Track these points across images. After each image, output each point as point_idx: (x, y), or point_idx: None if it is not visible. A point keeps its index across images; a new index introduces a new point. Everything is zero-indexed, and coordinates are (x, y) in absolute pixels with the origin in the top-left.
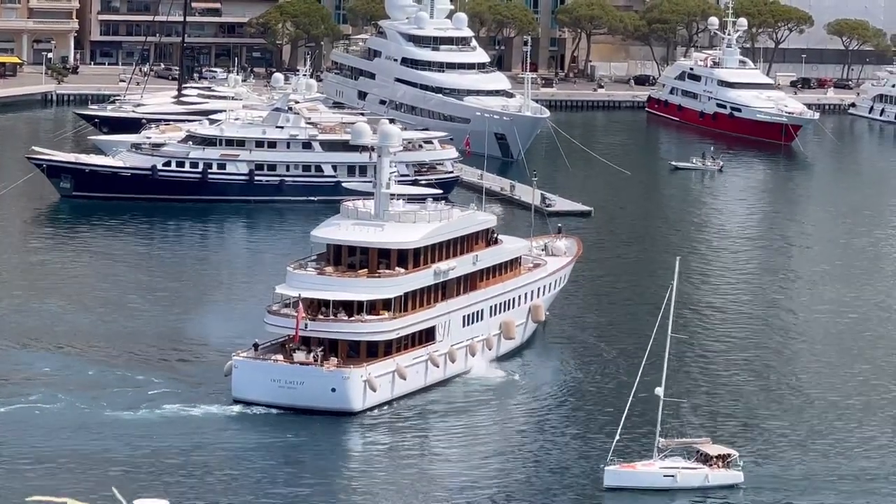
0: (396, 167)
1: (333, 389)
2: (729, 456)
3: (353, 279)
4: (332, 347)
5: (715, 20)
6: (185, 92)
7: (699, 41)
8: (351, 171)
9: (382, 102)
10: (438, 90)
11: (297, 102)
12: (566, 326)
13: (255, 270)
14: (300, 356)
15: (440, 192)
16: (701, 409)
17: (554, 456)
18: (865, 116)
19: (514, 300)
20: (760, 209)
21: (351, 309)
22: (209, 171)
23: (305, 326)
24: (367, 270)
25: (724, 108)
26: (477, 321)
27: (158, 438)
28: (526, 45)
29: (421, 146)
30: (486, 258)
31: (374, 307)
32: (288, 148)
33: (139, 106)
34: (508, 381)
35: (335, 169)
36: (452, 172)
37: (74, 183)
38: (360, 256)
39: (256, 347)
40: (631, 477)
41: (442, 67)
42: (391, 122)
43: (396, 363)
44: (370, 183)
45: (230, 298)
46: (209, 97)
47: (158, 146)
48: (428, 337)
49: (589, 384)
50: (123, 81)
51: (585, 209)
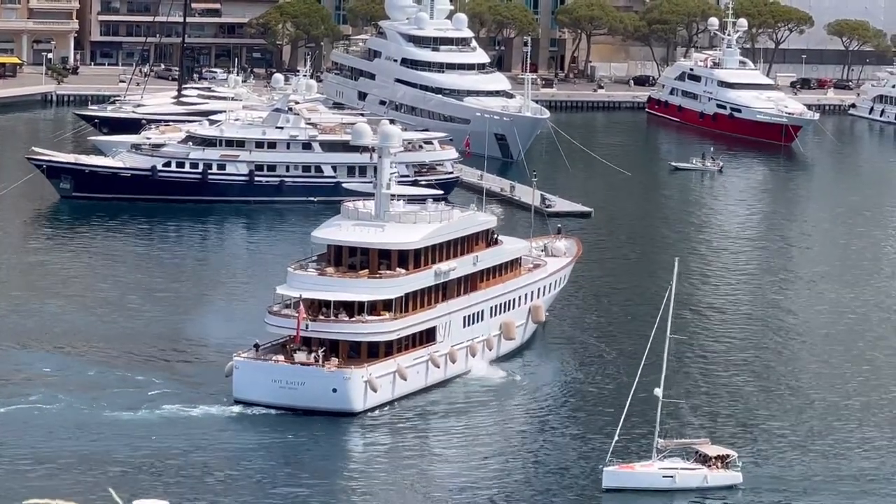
0: (396, 168)
1: (334, 390)
2: (728, 457)
3: (353, 280)
4: (332, 348)
5: (715, 21)
6: (184, 92)
7: (699, 42)
8: (351, 171)
9: (382, 103)
10: (438, 91)
11: (297, 103)
12: (566, 327)
13: (255, 271)
14: (301, 357)
15: (441, 192)
16: (700, 409)
17: (553, 457)
18: (865, 117)
19: (514, 301)
20: (760, 210)
21: (352, 309)
22: (209, 171)
23: (306, 327)
24: (367, 271)
25: (724, 108)
26: (477, 322)
27: (158, 439)
28: (526, 45)
29: (421, 147)
30: (486, 259)
31: (374, 308)
32: (288, 148)
33: (139, 106)
34: (508, 381)
35: (335, 169)
36: (452, 173)
37: (74, 183)
38: (360, 257)
39: (257, 348)
40: (629, 478)
41: (442, 68)
42: (391, 122)
43: (397, 364)
44: (370, 183)
45: (230, 299)
46: (209, 98)
47: (158, 147)
48: (428, 337)
49: (589, 385)
50: (123, 82)
51: (585, 210)
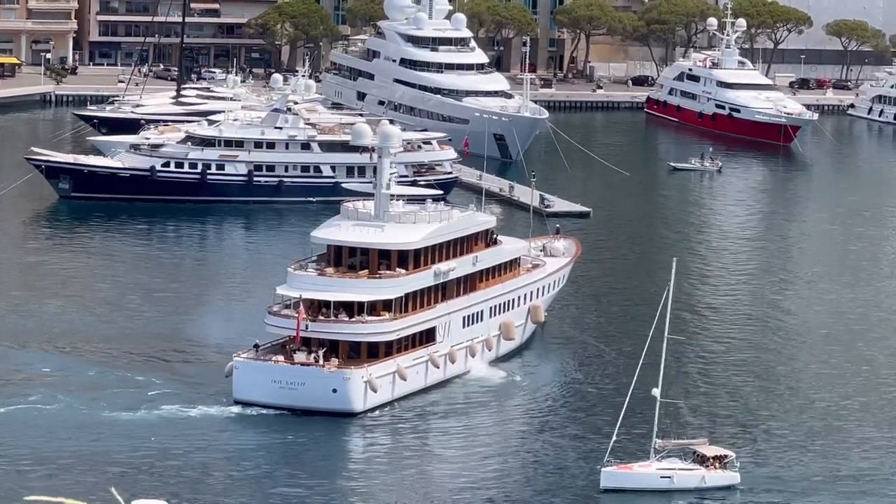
0: (396, 168)
1: (334, 390)
2: (726, 457)
3: (353, 280)
4: (332, 348)
5: (714, 21)
6: (183, 93)
7: (698, 42)
8: (350, 171)
9: (381, 103)
10: (437, 91)
11: (295, 103)
12: (565, 327)
13: (254, 271)
14: (301, 357)
15: (441, 192)
16: (698, 410)
17: (552, 457)
18: (864, 117)
19: (513, 301)
20: (759, 210)
21: (352, 310)
22: (208, 171)
23: (306, 327)
24: (367, 271)
25: (722, 108)
26: (477, 322)
27: (158, 439)
28: (525, 45)
29: (420, 147)
30: (485, 259)
31: (374, 308)
32: (287, 149)
33: (138, 107)
34: (508, 381)
35: (334, 170)
36: (451, 173)
37: (73, 183)
38: (360, 257)
39: (257, 348)
40: (627, 478)
41: (441, 68)
42: (390, 122)
43: (397, 364)
44: (370, 184)
45: (230, 299)
46: (208, 98)
47: (157, 147)
48: (428, 338)
49: (588, 385)
50: (122, 82)
51: (584, 210)
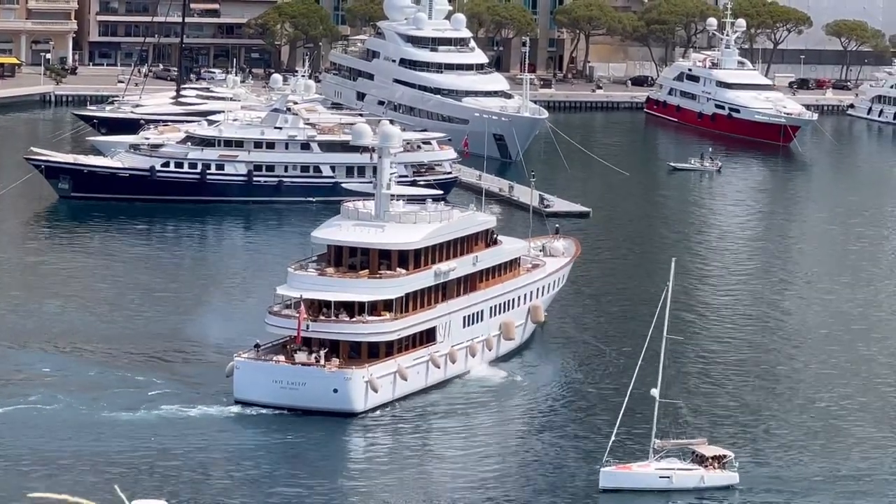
0: (395, 168)
1: (335, 390)
2: (725, 457)
3: (354, 280)
4: (333, 348)
5: (713, 21)
6: (183, 93)
7: (698, 42)
8: (349, 171)
9: (381, 103)
10: (437, 91)
11: (295, 103)
12: (565, 327)
13: (254, 271)
14: (302, 357)
15: (441, 192)
16: (697, 410)
17: (552, 457)
18: (864, 117)
19: (513, 301)
20: (759, 210)
21: (352, 310)
22: (208, 171)
23: (307, 327)
24: (368, 271)
25: (722, 108)
26: (477, 322)
27: (158, 439)
28: (524, 45)
29: (419, 147)
30: (485, 259)
31: (375, 308)
32: (286, 149)
33: (138, 107)
34: (508, 381)
35: (333, 170)
36: (451, 173)
37: (73, 184)
38: (361, 257)
39: (258, 348)
40: (626, 478)
41: (440, 68)
42: (390, 122)
43: (398, 364)
44: (370, 184)
45: (230, 299)
46: (208, 98)
47: (157, 147)
48: (429, 338)
49: (587, 385)
50: (122, 82)
51: (584, 210)
